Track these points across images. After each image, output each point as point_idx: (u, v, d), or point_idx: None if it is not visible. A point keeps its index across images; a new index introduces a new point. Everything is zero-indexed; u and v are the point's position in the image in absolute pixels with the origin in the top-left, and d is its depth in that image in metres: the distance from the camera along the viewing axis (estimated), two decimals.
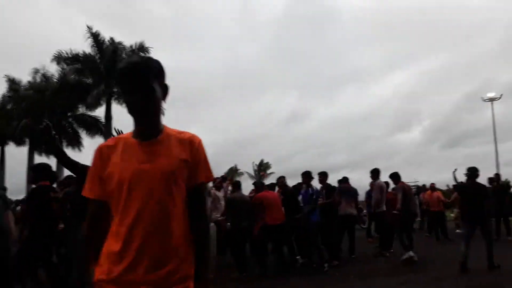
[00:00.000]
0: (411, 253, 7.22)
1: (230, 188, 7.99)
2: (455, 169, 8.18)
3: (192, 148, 1.51)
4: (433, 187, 11.65)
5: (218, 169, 27.46)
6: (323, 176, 7.89)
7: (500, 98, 25.53)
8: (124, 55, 22.15)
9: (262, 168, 39.47)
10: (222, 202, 7.09)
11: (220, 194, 7.31)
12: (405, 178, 9.88)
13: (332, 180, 9.31)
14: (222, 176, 8.22)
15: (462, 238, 6.42)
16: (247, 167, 40.28)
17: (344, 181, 8.84)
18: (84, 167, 3.74)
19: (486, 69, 73.26)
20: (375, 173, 8.57)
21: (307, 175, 7.33)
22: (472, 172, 6.59)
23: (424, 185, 13.40)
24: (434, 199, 10.91)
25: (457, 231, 11.74)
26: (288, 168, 61.01)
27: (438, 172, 36.78)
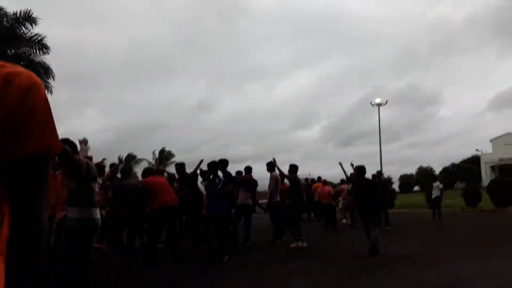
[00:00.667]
0: (300, 242, 7.75)
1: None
2: (340, 162, 8.89)
3: (9, 92, 0.77)
4: (324, 181, 12.42)
5: (115, 156, 25.86)
6: (223, 164, 7.79)
7: (386, 103, 28.39)
8: (5, 23, 19.42)
9: (164, 156, 38.25)
10: None
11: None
12: (302, 171, 10.51)
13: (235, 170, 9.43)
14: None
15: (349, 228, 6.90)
16: (147, 155, 38.75)
17: (247, 171, 8.95)
18: None
19: (378, 77, 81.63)
20: (270, 165, 8.75)
21: (212, 166, 7.15)
22: (362, 170, 7.42)
23: (319, 178, 14.27)
24: (325, 193, 11.60)
25: (343, 221, 12.77)
26: (192, 158, 60.48)
27: (331, 167, 40.64)
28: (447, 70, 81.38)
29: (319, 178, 14.12)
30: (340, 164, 8.83)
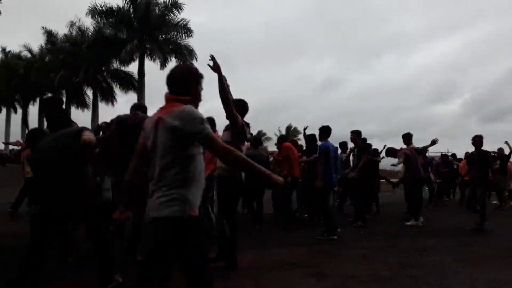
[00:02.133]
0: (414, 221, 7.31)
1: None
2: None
3: None
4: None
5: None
6: (355, 135, 7.66)
7: None
8: (157, 11, 21.99)
9: (291, 132, 39.31)
10: None
11: None
12: (441, 149, 9.82)
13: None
14: None
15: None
16: (274, 132, 40.22)
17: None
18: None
19: None
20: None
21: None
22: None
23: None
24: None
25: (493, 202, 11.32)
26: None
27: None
28: None
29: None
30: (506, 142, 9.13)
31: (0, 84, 25.16)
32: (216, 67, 3.68)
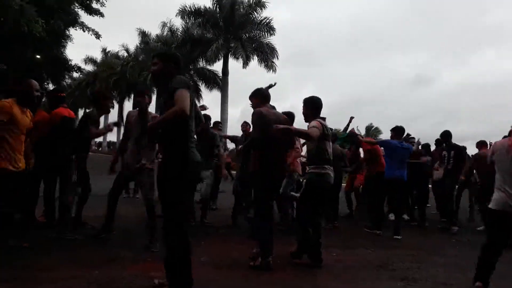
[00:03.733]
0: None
1: None
2: None
3: None
4: None
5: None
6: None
7: None
8: (242, 10, 22.62)
9: (371, 133, 37.90)
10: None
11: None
12: None
13: None
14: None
15: None
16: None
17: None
18: None
19: None
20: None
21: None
22: None
23: None
24: None
25: None
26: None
27: None
28: None
29: None
30: None
31: (100, 82, 27.89)
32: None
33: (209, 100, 28.10)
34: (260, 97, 4.07)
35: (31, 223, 4.57)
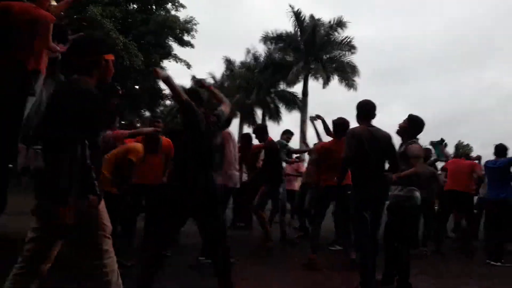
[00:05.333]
0: None
1: None
2: None
3: None
4: None
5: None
6: None
7: None
8: (322, 31, 22.79)
9: (460, 152, 34.73)
10: None
11: None
12: None
13: None
14: None
15: None
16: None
17: None
18: None
19: None
20: None
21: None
22: None
23: None
24: None
25: None
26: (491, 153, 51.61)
27: None
28: None
29: None
30: None
31: None
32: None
33: (288, 120, 28.33)
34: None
35: None
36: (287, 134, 7.35)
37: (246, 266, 4.42)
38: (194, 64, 15.64)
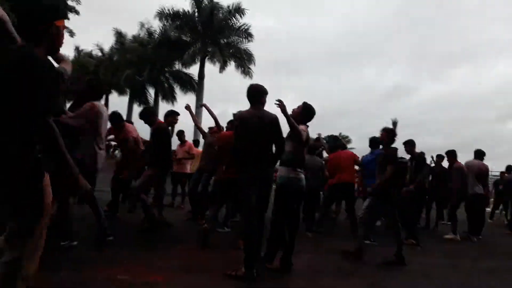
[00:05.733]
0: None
1: None
2: None
3: None
4: None
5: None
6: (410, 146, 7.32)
7: None
8: (221, 15, 22.66)
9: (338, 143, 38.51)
10: None
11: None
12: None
13: None
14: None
15: None
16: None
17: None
18: None
19: None
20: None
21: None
22: None
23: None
24: None
25: None
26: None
27: None
28: None
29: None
30: None
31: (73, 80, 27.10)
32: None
33: (184, 103, 27.77)
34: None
35: None
36: (171, 117, 6.23)
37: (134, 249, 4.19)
38: (79, 33, 14.05)
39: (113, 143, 7.57)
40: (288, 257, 4.01)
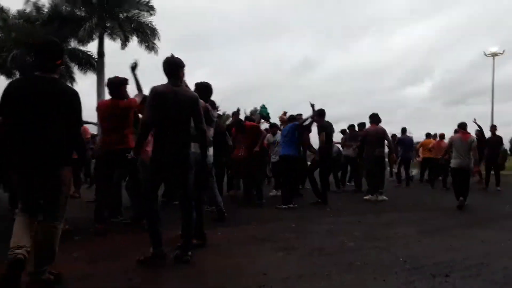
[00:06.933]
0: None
1: None
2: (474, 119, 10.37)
3: None
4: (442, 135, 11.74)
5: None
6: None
7: (502, 53, 25.06)
8: None
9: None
10: None
11: None
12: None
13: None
14: None
15: None
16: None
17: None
18: None
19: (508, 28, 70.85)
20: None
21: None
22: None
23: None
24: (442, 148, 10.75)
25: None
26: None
27: (437, 128, 37.10)
28: None
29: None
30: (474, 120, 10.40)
31: None
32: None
33: (87, 84, 25.70)
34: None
35: None
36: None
37: None
38: None
39: None
40: (201, 231, 3.96)
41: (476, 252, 3.79)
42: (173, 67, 3.56)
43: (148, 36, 21.53)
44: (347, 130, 10.60)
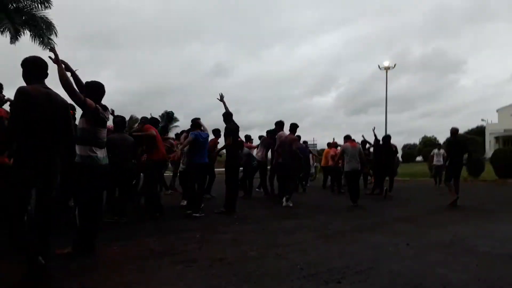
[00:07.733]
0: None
1: None
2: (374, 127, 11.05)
3: None
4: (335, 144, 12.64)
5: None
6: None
7: (394, 67, 27.89)
8: None
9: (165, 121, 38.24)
10: None
11: None
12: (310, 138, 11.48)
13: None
14: None
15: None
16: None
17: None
18: None
19: (403, 42, 79.58)
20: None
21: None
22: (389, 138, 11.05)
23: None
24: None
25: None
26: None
27: (340, 136, 40.37)
28: (477, 38, 79.40)
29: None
30: (373, 129, 11.05)
31: None
32: (55, 60, 3.67)
33: None
34: None
35: None
36: None
37: None
38: None
39: None
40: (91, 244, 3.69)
41: (366, 256, 4.03)
42: (38, 68, 3.33)
43: (43, 31, 19.60)
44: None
